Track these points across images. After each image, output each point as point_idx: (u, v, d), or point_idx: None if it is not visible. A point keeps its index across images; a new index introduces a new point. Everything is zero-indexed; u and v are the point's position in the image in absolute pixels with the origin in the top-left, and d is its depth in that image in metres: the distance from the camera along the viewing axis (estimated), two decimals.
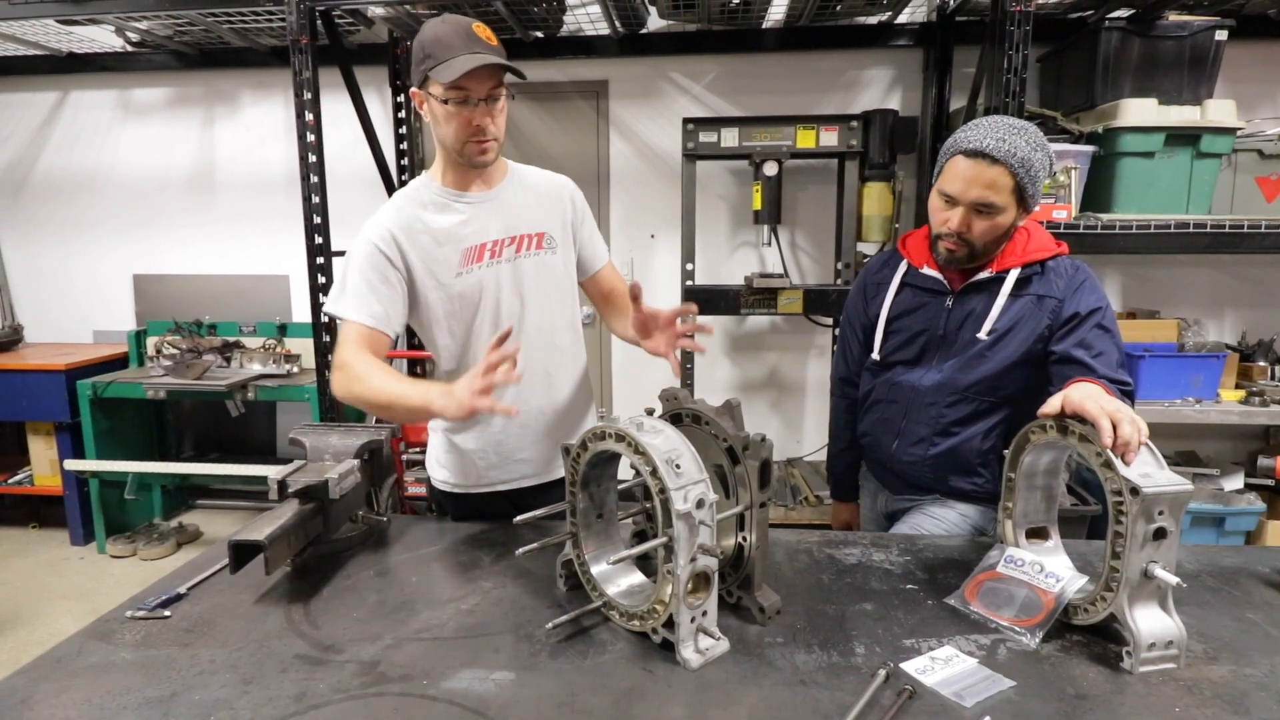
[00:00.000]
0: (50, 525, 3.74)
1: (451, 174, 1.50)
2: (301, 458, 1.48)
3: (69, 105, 3.92)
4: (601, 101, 3.59)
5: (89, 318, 4.07)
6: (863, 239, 3.20)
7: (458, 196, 1.50)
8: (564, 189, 1.63)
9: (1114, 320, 1.44)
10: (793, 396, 3.75)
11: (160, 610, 1.18)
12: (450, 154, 1.46)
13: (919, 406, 1.55)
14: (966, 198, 1.39)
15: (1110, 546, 1.05)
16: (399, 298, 1.45)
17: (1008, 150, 1.34)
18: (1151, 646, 1.02)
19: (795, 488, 3.25)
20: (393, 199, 1.52)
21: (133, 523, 3.69)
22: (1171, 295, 3.38)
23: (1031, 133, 1.38)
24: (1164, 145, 2.66)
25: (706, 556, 1.04)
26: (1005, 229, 1.41)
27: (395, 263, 1.44)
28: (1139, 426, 1.07)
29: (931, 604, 1.20)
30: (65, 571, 3.32)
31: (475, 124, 1.38)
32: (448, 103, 1.36)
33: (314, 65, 2.68)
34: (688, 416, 1.22)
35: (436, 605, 1.21)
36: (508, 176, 1.57)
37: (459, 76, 1.31)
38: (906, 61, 3.42)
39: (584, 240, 1.65)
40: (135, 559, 3.43)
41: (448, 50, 1.33)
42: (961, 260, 1.46)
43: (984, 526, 1.54)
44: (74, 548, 3.56)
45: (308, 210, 2.77)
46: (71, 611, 2.94)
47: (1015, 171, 1.35)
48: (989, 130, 1.37)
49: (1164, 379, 2.83)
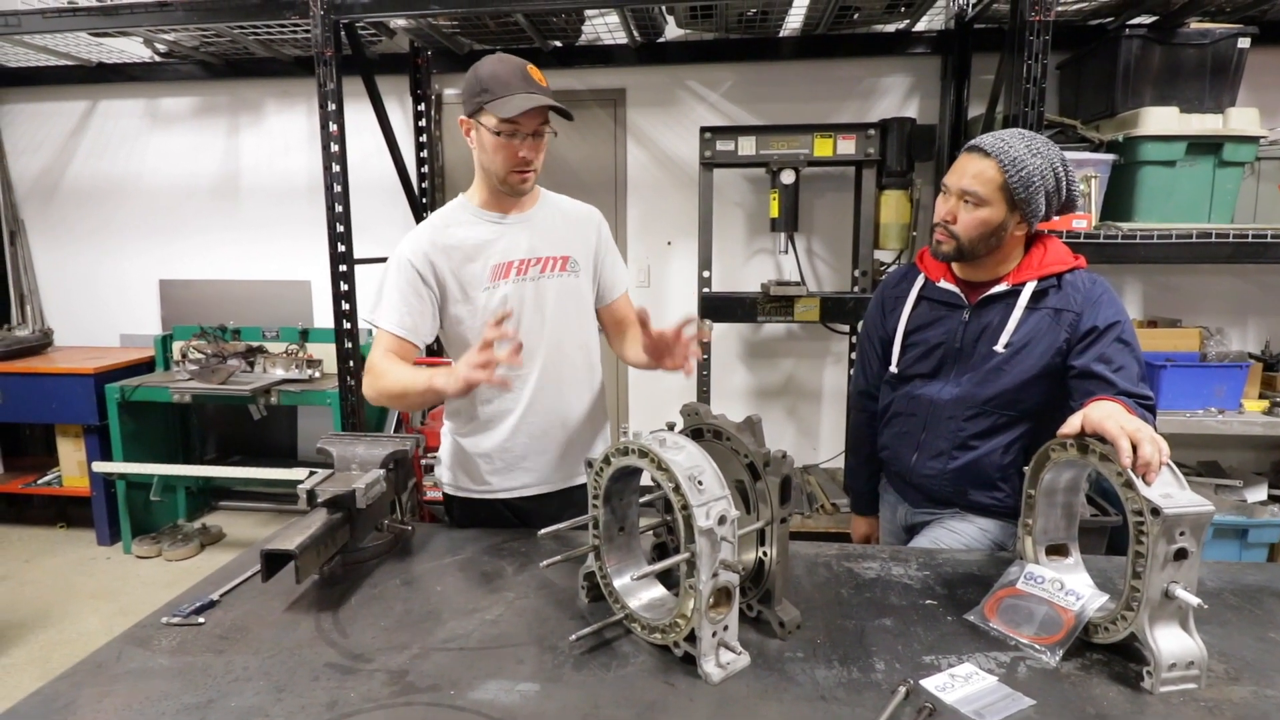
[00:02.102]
0: (78, 525, 3.82)
1: (488, 196, 1.59)
2: (328, 466, 1.51)
3: (98, 114, 4.00)
4: (619, 110, 3.62)
5: (116, 322, 4.15)
6: (880, 246, 3.20)
7: (491, 217, 1.59)
8: (592, 218, 1.71)
9: (1133, 334, 1.43)
10: (809, 404, 3.75)
11: (195, 617, 1.21)
12: (491, 179, 1.55)
13: (938, 420, 1.55)
14: (956, 186, 1.45)
15: (1131, 566, 1.06)
16: (429, 310, 1.55)
17: (1001, 147, 1.40)
18: (1172, 667, 1.02)
19: (812, 495, 3.25)
20: (430, 218, 1.61)
21: (158, 523, 3.75)
22: (1193, 303, 3.35)
23: (1039, 143, 1.41)
24: (1185, 154, 2.64)
25: (728, 572, 1.05)
26: (991, 228, 1.42)
27: (427, 278, 1.53)
28: (1160, 446, 1.07)
29: (951, 620, 1.21)
30: (92, 571, 3.38)
31: (521, 155, 1.48)
32: (500, 134, 1.46)
33: (337, 76, 2.72)
34: (709, 432, 1.23)
35: (461, 615, 1.23)
36: (540, 202, 1.65)
37: (517, 113, 1.41)
38: (924, 69, 3.41)
39: (605, 269, 1.72)
40: (160, 559, 3.49)
41: (506, 88, 1.44)
42: (949, 254, 1.48)
43: (1003, 541, 1.54)
44: (100, 548, 3.63)
45: (331, 218, 2.81)
46: (99, 611, 3.00)
47: (1004, 167, 1.39)
48: (995, 133, 1.44)
49: (1186, 389, 2.80)
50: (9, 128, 4.08)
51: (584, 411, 1.68)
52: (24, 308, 4.20)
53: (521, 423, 1.60)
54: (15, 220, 4.13)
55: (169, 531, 3.66)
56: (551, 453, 1.64)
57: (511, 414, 1.60)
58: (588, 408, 1.69)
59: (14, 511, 3.95)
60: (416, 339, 1.54)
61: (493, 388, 1.58)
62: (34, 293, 4.20)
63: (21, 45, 3.48)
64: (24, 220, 4.14)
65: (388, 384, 1.48)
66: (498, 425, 1.61)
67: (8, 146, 4.08)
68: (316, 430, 4.05)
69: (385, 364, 1.50)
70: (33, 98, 4.02)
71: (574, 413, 1.66)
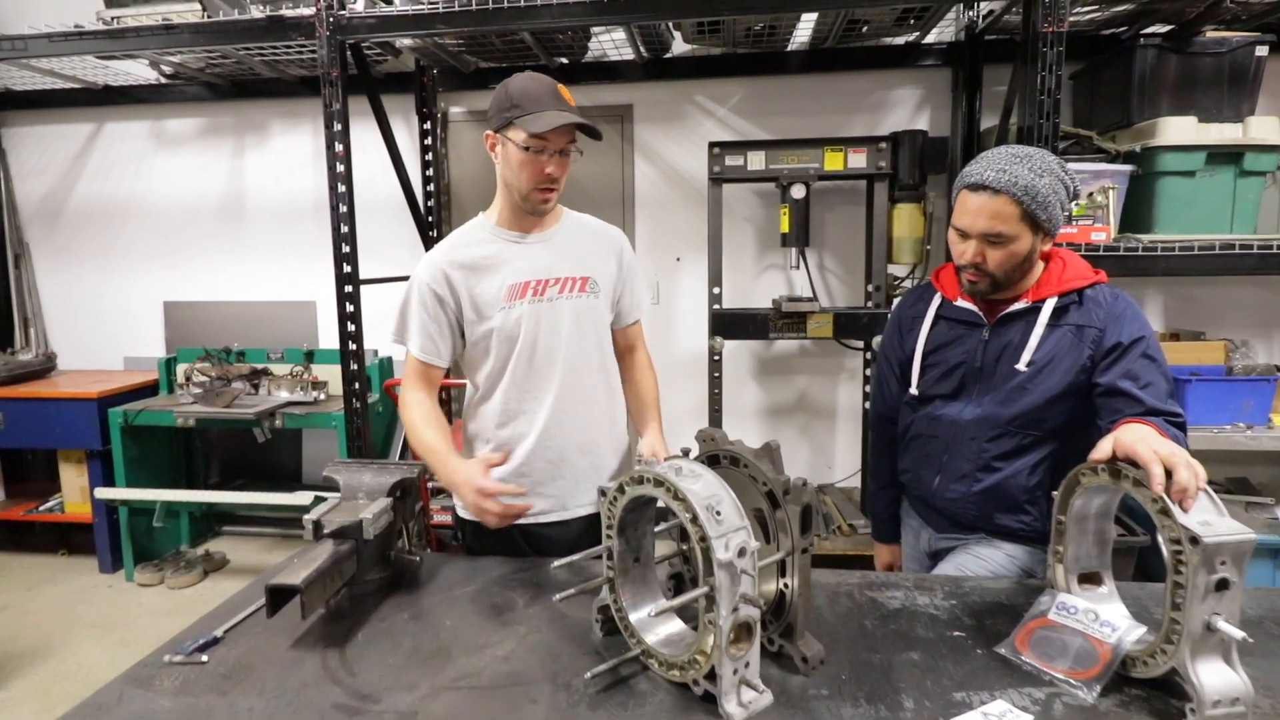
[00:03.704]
0: (80, 552, 3.81)
1: (509, 215, 1.59)
2: (334, 490, 1.50)
3: (103, 136, 4.04)
4: (626, 125, 3.63)
5: (120, 344, 4.17)
6: (893, 261, 3.18)
7: (511, 235, 1.59)
8: (615, 240, 1.71)
9: (1159, 349, 1.41)
10: (823, 421, 3.72)
11: (198, 655, 1.19)
12: (513, 196, 1.55)
13: (960, 441, 1.53)
14: (975, 230, 1.41)
15: (1169, 597, 1.02)
16: (448, 332, 1.59)
17: (1008, 180, 1.37)
18: (1216, 704, 0.98)
19: (828, 516, 3.22)
20: (448, 237, 1.62)
21: (160, 550, 3.74)
22: (1217, 316, 3.31)
23: (1037, 159, 1.39)
24: (1205, 164, 2.62)
25: (748, 606, 1.02)
26: (1024, 255, 1.42)
27: (445, 300, 1.55)
28: (1196, 471, 1.04)
29: (981, 653, 1.18)
30: (94, 600, 3.37)
31: (546, 172, 1.49)
32: (528, 150, 1.46)
33: (343, 96, 2.74)
34: (726, 458, 1.21)
35: (472, 651, 1.20)
36: (561, 221, 1.65)
37: (548, 129, 1.42)
38: (935, 81, 3.41)
39: (626, 293, 1.72)
40: (162, 587, 3.47)
41: (537, 104, 1.45)
42: (984, 291, 1.47)
43: (1032, 568, 1.51)
44: (102, 575, 3.62)
45: (336, 238, 2.81)
46: (101, 641, 2.98)
47: (1019, 199, 1.37)
48: (990, 162, 1.41)
49: (1212, 403, 2.77)
50: (14, 150, 4.12)
51: (603, 436, 1.66)
52: (28, 331, 4.22)
53: (538, 447, 1.59)
54: (20, 243, 4.16)
55: (172, 558, 3.65)
56: (569, 478, 1.62)
57: (527, 438, 1.59)
58: (607, 432, 1.67)
59: (15, 539, 3.94)
60: (440, 361, 1.59)
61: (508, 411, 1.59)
62: (38, 315, 4.23)
63: (28, 69, 3.52)
64: (28, 243, 4.18)
65: (413, 436, 1.57)
66: (515, 449, 1.60)
67: (13, 169, 4.12)
68: (321, 453, 4.04)
69: (418, 409, 1.57)
70: (38, 120, 4.06)
71: (592, 437, 1.64)
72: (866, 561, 2.16)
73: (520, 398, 1.58)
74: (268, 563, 3.71)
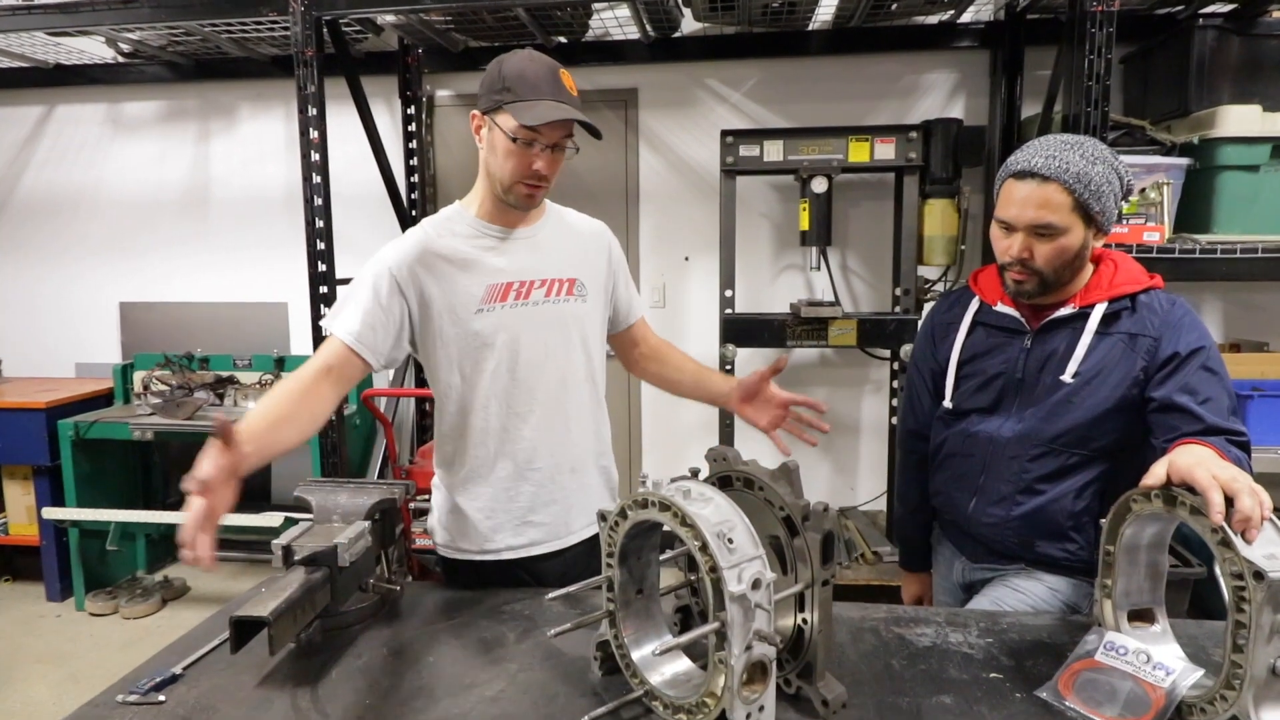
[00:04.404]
0: (25, 578, 3.81)
1: (490, 207, 1.56)
2: (306, 513, 1.50)
3: (55, 120, 4.08)
4: (630, 111, 3.65)
5: (71, 349, 4.18)
6: (924, 262, 3.19)
7: (491, 229, 1.56)
8: (602, 236, 1.70)
9: (1220, 360, 1.41)
10: (845, 438, 3.72)
11: (154, 694, 1.19)
12: (495, 186, 1.52)
13: (999, 460, 1.53)
14: (1022, 222, 1.41)
15: (1230, 637, 1.02)
16: (393, 328, 1.49)
17: (1059, 166, 1.37)
18: None
19: (850, 543, 3.21)
20: (421, 224, 1.58)
21: (114, 576, 3.74)
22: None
23: (1089, 146, 1.40)
24: (1270, 157, 2.62)
25: (763, 644, 1.02)
26: (1074, 251, 1.42)
27: (406, 292, 1.50)
28: (1260, 498, 1.04)
29: (1020, 698, 1.17)
30: (41, 631, 3.37)
31: (534, 167, 1.46)
32: (516, 141, 1.44)
33: (319, 78, 2.76)
34: (739, 480, 1.21)
35: (457, 691, 1.20)
36: (545, 216, 1.63)
37: (540, 123, 1.40)
38: (971, 65, 3.43)
39: (620, 294, 1.72)
40: (116, 616, 3.48)
41: (534, 91, 1.42)
42: (1031, 292, 1.47)
43: (1076, 602, 1.51)
44: (50, 604, 3.62)
45: (310, 234, 2.83)
46: (47, 677, 2.98)
47: (1071, 187, 1.37)
48: (1038, 149, 1.41)
49: (1276, 422, 2.76)
50: None
51: (591, 454, 1.66)
52: None
53: (526, 470, 1.57)
54: None
55: (127, 585, 3.66)
56: (560, 503, 1.60)
57: (511, 460, 1.57)
58: (595, 449, 1.67)
59: None
60: (367, 354, 1.45)
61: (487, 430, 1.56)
62: None
63: None
64: None
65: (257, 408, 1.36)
66: (496, 473, 1.57)
67: None
68: (292, 471, 4.03)
69: (281, 388, 1.38)
70: None
71: (584, 456, 1.64)
72: (893, 593, 2.16)
73: (501, 413, 1.55)
74: (233, 591, 3.71)
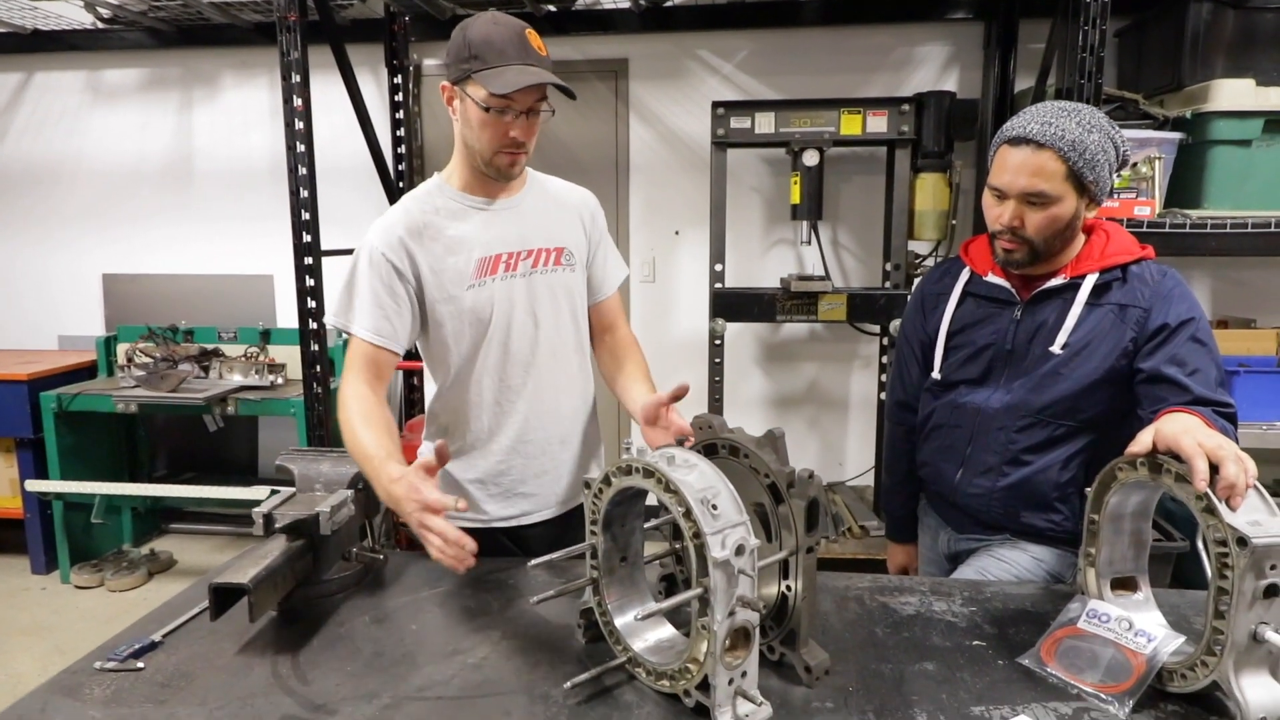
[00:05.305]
0: (9, 551, 3.79)
1: (469, 178, 1.53)
2: (289, 484, 1.48)
3: (33, 88, 4.00)
4: (621, 82, 3.61)
5: (53, 322, 4.14)
6: (915, 237, 3.18)
7: (473, 202, 1.53)
8: (587, 204, 1.67)
9: (1210, 332, 1.41)
10: (834, 414, 3.72)
11: (132, 661, 1.18)
12: (474, 159, 1.49)
13: (986, 431, 1.53)
14: (1015, 188, 1.40)
15: (1213, 604, 1.02)
16: (407, 312, 1.49)
17: (1054, 133, 1.36)
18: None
19: (838, 517, 3.23)
20: (402, 201, 1.55)
21: (100, 549, 3.73)
22: (1269, 302, 3.32)
23: (1085, 114, 1.38)
24: (1263, 132, 2.61)
25: (747, 610, 1.02)
26: (1066, 221, 1.41)
27: (404, 273, 1.47)
28: (1245, 465, 1.04)
29: (1003, 664, 1.18)
30: (25, 604, 3.36)
31: (511, 136, 1.43)
32: (489, 110, 1.40)
33: (303, 45, 2.71)
34: (724, 448, 1.21)
35: (440, 658, 1.20)
36: (528, 185, 1.60)
37: (511, 90, 1.35)
38: (965, 37, 3.40)
39: (598, 263, 1.68)
40: (102, 590, 3.47)
41: (500, 56, 1.38)
42: (1021, 261, 1.45)
43: (1061, 573, 1.51)
44: (35, 577, 3.61)
45: (295, 204, 2.79)
46: (32, 650, 2.97)
47: (1065, 155, 1.36)
48: (1034, 115, 1.40)
49: (1261, 397, 2.78)
50: None
51: (583, 425, 1.66)
52: None
53: (517, 443, 1.57)
54: None
55: (113, 558, 3.64)
56: (550, 474, 1.61)
57: (504, 432, 1.57)
58: (585, 421, 1.67)
59: None
60: (395, 345, 1.48)
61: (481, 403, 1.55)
62: None
63: None
64: None
65: (350, 439, 1.40)
66: (490, 445, 1.58)
67: None
68: (279, 444, 4.02)
69: (356, 407, 1.41)
70: None
71: (573, 427, 1.63)
72: (878, 566, 2.16)
73: (495, 387, 1.55)
74: (219, 564, 3.70)
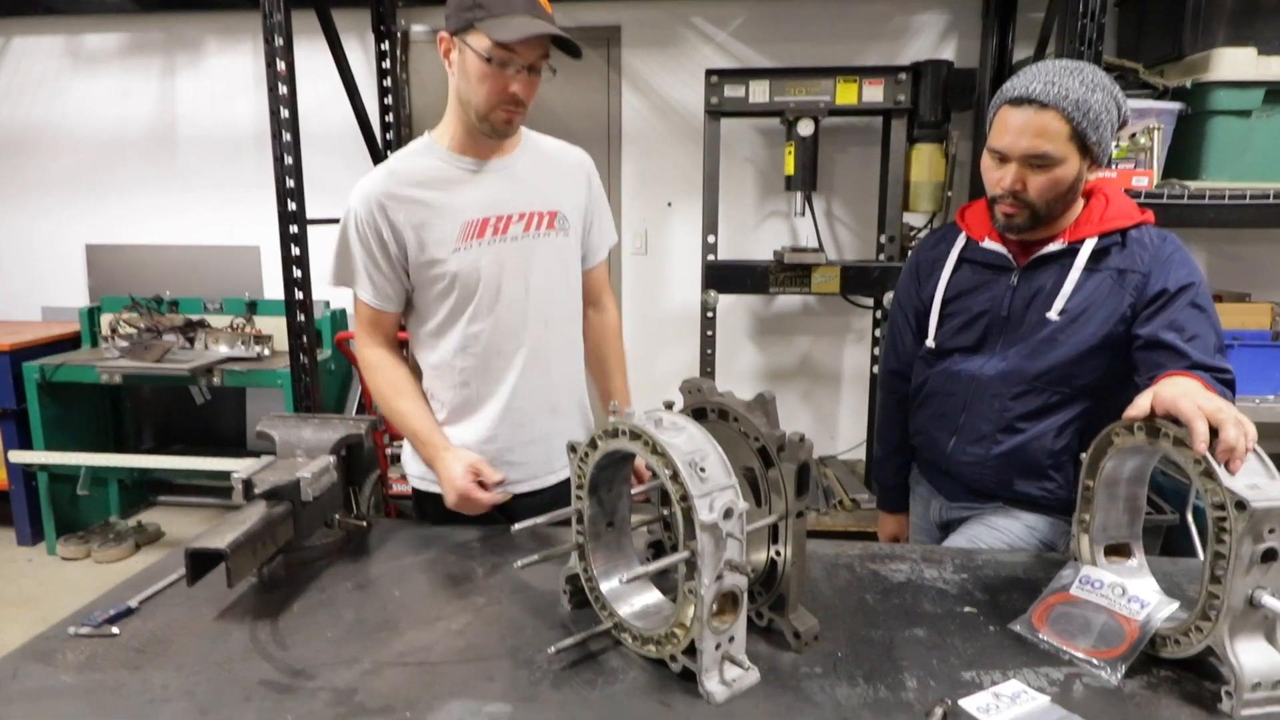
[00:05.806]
0: None
1: (461, 137, 1.50)
2: (271, 452, 1.46)
3: (11, 53, 3.92)
4: (613, 50, 3.55)
5: (36, 293, 4.09)
6: (910, 209, 3.15)
7: (463, 162, 1.50)
8: (583, 165, 1.65)
9: (1209, 298, 1.39)
10: (827, 387, 3.72)
11: (108, 627, 1.16)
12: (468, 115, 1.45)
13: (980, 399, 1.51)
14: (1016, 150, 1.36)
15: (1209, 568, 1.01)
16: (397, 272, 1.50)
17: (1058, 92, 1.32)
18: (1257, 686, 0.97)
19: (829, 490, 3.22)
20: (388, 160, 1.53)
21: (86, 521, 3.71)
22: (1263, 276, 3.31)
23: (1088, 72, 1.34)
24: (1263, 103, 2.58)
25: (735, 574, 1.00)
26: (1068, 184, 1.37)
27: (385, 235, 1.46)
28: (1245, 429, 1.02)
29: (994, 630, 1.17)
30: (10, 575, 3.34)
31: (511, 91, 1.40)
32: (490, 60, 1.36)
33: (286, 7, 2.64)
34: (713, 412, 1.18)
35: (422, 624, 1.18)
36: (522, 145, 1.57)
37: (516, 39, 1.32)
38: (964, 5, 3.35)
39: (593, 227, 1.65)
40: (89, 561, 3.46)
41: (505, 6, 1.35)
42: (1022, 226, 1.42)
43: (1053, 540, 1.50)
44: (20, 548, 3.59)
45: (279, 172, 2.74)
46: (18, 620, 2.96)
47: (1069, 115, 1.32)
48: (1036, 74, 1.35)
49: (1256, 371, 2.78)
50: None
51: (573, 395, 1.64)
52: None
53: (507, 411, 1.54)
54: None
55: (99, 530, 3.62)
56: (539, 444, 1.59)
57: (494, 400, 1.54)
58: (576, 390, 1.65)
59: None
60: (391, 306, 1.53)
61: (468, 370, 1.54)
62: None
63: None
64: None
65: (388, 410, 1.54)
66: (479, 413, 1.55)
67: None
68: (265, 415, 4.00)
69: (390, 373, 1.54)
70: None
71: (563, 397, 1.61)
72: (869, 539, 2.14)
73: (484, 354, 1.52)
74: None
